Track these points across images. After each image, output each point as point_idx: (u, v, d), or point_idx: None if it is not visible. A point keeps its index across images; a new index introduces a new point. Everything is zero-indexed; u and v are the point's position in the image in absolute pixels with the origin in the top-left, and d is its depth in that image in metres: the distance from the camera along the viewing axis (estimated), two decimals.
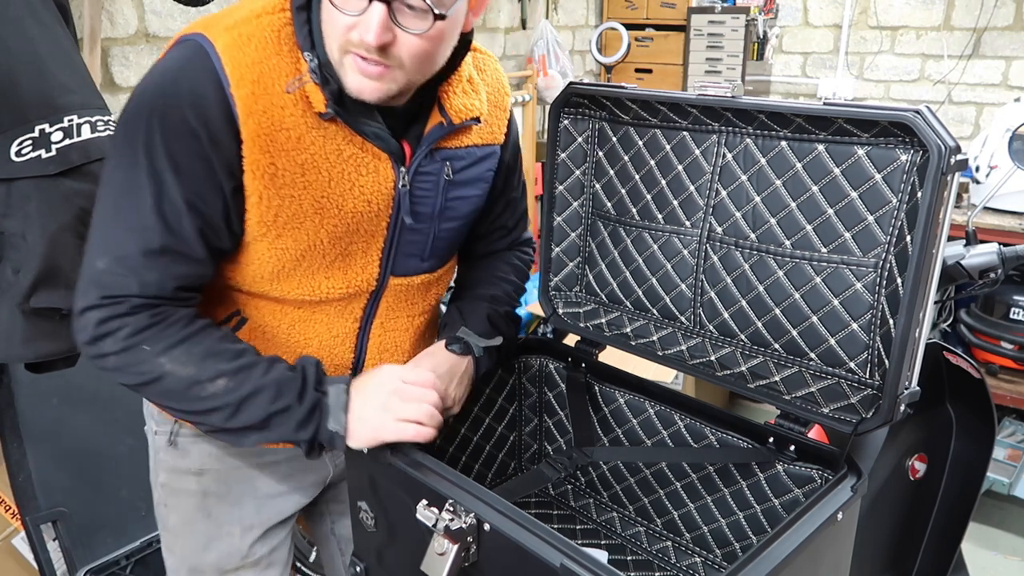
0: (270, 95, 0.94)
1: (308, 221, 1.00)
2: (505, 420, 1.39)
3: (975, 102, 3.84)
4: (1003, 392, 2.68)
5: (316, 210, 1.00)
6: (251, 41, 0.93)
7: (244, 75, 0.92)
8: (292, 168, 0.96)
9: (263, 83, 0.93)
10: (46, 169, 1.19)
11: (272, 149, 0.95)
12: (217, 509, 1.18)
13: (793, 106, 0.97)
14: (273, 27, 0.95)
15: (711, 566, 1.22)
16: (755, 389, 1.09)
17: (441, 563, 0.88)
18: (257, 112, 0.93)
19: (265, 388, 0.97)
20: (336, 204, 1.01)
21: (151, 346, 0.95)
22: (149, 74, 0.95)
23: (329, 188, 0.99)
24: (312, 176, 0.98)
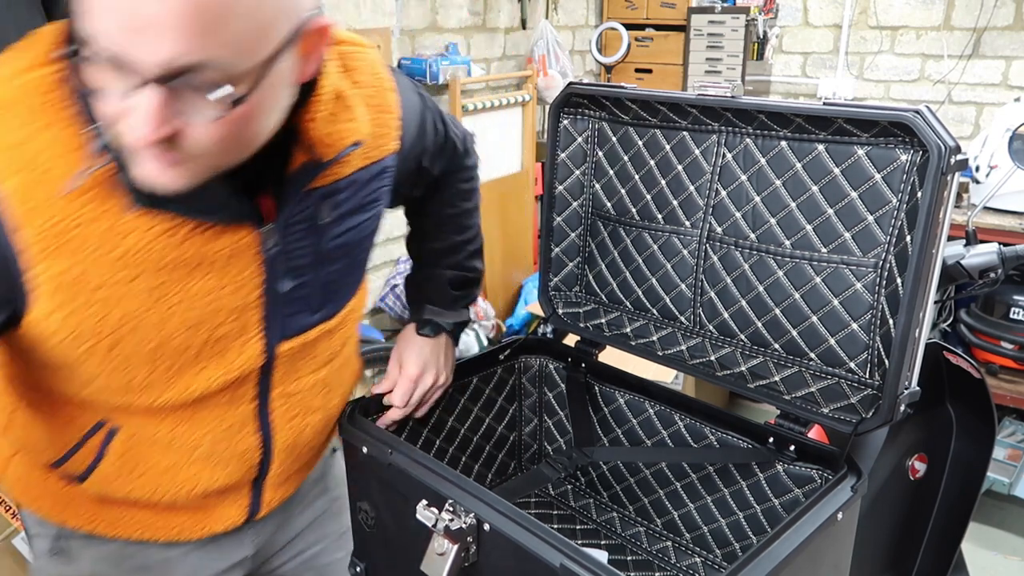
0: (50, 183, 0.71)
1: (145, 320, 0.79)
2: (505, 420, 1.39)
3: (975, 102, 3.84)
4: (1003, 392, 2.68)
5: (149, 307, 0.79)
6: (10, 113, 0.71)
7: (9, 164, 0.70)
8: (105, 266, 0.75)
9: (34, 171, 0.70)
10: None
11: (69, 251, 0.73)
12: None
13: (793, 106, 0.97)
14: (40, 89, 0.71)
15: (711, 566, 1.22)
16: (755, 389, 1.09)
17: (441, 563, 0.88)
18: (36, 210, 0.71)
19: None
20: (179, 291, 0.80)
21: None
22: None
23: (163, 276, 0.78)
24: (135, 269, 0.77)
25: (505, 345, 1.34)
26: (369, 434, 1.05)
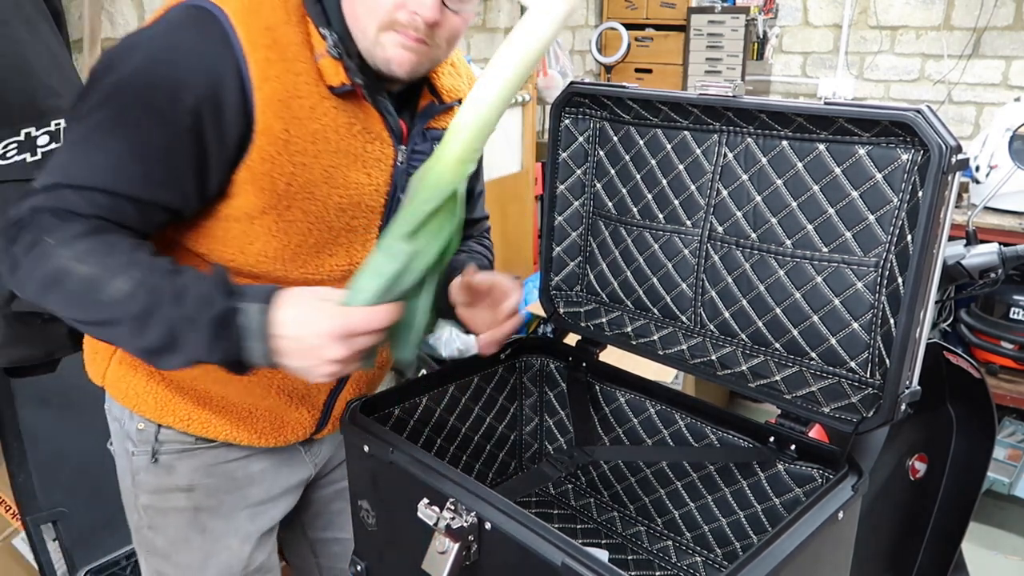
0: (285, 61, 0.93)
1: (318, 191, 0.99)
2: (506, 419, 1.39)
3: (975, 102, 3.84)
4: (1003, 392, 2.69)
5: (325, 179, 0.99)
6: (262, 7, 0.92)
7: (258, 40, 0.91)
8: (304, 136, 0.95)
9: (277, 49, 0.92)
10: (31, 173, 1.19)
11: (286, 116, 0.93)
12: (211, 523, 1.16)
13: (794, 106, 0.97)
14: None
15: (712, 565, 1.22)
16: (756, 388, 1.09)
17: (442, 562, 0.88)
18: (272, 78, 0.92)
19: (165, 292, 0.84)
20: (343, 175, 1.00)
21: (55, 239, 0.84)
22: (149, 32, 0.91)
23: (337, 159, 0.99)
24: (322, 145, 0.97)
25: (506, 344, 1.34)
26: (370, 433, 1.05)
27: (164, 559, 1.18)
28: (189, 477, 1.14)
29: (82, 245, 0.85)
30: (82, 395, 1.76)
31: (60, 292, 0.85)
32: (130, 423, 1.14)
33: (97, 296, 0.84)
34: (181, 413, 1.10)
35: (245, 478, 1.17)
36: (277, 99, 0.92)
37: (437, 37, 0.96)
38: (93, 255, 0.85)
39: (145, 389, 1.10)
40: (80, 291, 0.84)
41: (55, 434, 1.74)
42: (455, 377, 1.26)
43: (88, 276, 0.84)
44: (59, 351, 1.26)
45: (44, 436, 1.72)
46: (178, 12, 0.92)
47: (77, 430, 1.77)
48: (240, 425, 1.12)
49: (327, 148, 0.98)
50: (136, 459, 1.14)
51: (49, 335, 1.24)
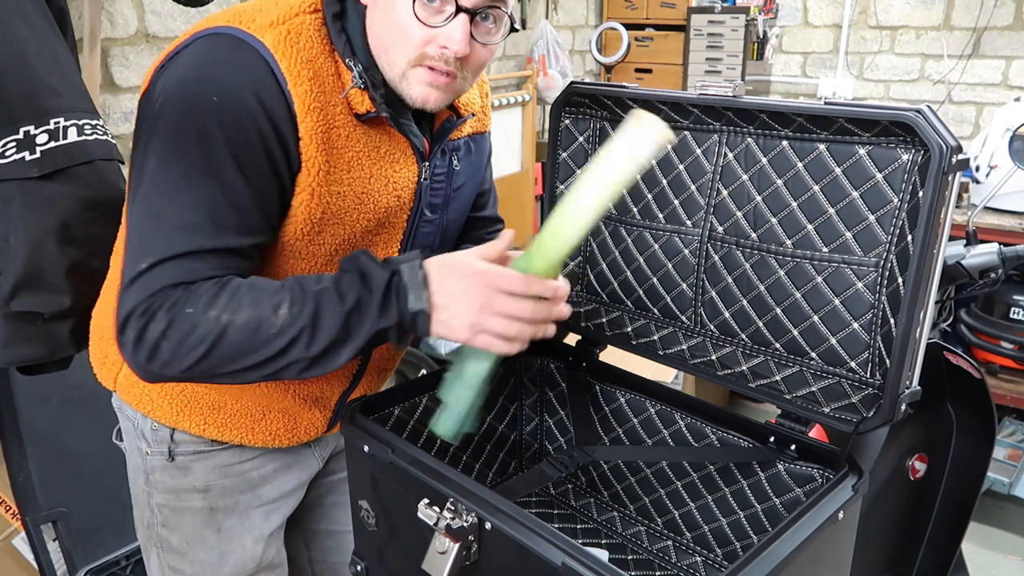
0: (324, 93, 0.94)
1: (348, 217, 1.01)
2: (506, 419, 1.39)
3: (975, 102, 3.84)
4: (1003, 392, 2.69)
5: (356, 205, 1.01)
6: (298, 39, 0.93)
7: (300, 72, 0.92)
8: (341, 166, 0.97)
9: (318, 81, 0.93)
10: (29, 171, 1.18)
11: (327, 147, 0.95)
12: (227, 522, 1.18)
13: (794, 106, 0.97)
14: (311, 26, 0.95)
15: (712, 565, 1.22)
16: (756, 388, 1.09)
17: (442, 562, 0.88)
18: (315, 110, 0.93)
19: (326, 294, 0.89)
20: (373, 200, 1.02)
21: (193, 307, 0.86)
22: (190, 68, 0.91)
23: (369, 184, 1.01)
24: (356, 173, 0.99)
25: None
26: (370, 433, 1.05)
27: (180, 556, 1.19)
28: (205, 478, 1.15)
29: (223, 299, 0.87)
30: (82, 395, 1.77)
31: (223, 348, 0.87)
32: (143, 422, 1.14)
33: (268, 332, 0.87)
34: (196, 418, 1.11)
35: (259, 478, 1.19)
36: (319, 131, 0.94)
37: (465, 69, 0.96)
38: (239, 301, 0.87)
39: (159, 395, 1.10)
40: (245, 337, 0.87)
41: (55, 434, 1.74)
42: None
43: (248, 320, 0.87)
44: (62, 350, 1.26)
45: (44, 436, 1.72)
46: (218, 45, 0.91)
47: (77, 430, 1.77)
48: (255, 428, 1.13)
49: (361, 175, 1.00)
50: (151, 459, 1.15)
51: (51, 334, 1.23)
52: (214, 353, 0.87)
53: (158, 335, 0.86)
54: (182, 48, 0.94)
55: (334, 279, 0.91)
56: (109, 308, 1.10)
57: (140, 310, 0.87)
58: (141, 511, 1.21)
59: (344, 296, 0.89)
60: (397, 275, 0.90)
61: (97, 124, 1.28)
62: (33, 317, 1.21)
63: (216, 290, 0.88)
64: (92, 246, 1.23)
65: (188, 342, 0.86)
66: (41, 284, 1.20)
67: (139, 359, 0.88)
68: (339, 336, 0.89)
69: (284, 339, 0.87)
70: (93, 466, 1.79)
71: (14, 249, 1.19)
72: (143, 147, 0.92)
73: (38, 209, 1.20)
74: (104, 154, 1.28)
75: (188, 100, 0.89)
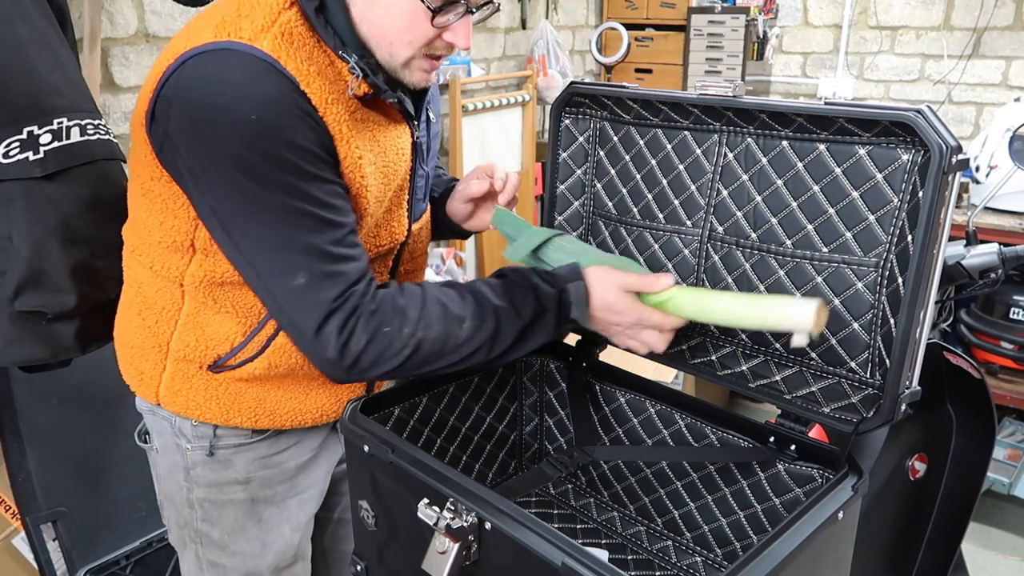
0: (330, 84, 0.97)
1: (378, 191, 1.06)
2: (506, 419, 1.39)
3: (975, 102, 3.84)
4: (1003, 392, 2.68)
5: (383, 180, 1.07)
6: (292, 39, 0.95)
7: (307, 70, 0.95)
8: (364, 147, 1.02)
9: (322, 75, 0.97)
10: (32, 171, 1.18)
11: (350, 136, 0.99)
12: (267, 513, 1.21)
13: (794, 106, 0.97)
14: (298, 23, 0.97)
15: (712, 565, 1.22)
16: (756, 388, 1.09)
17: (442, 562, 0.88)
18: (331, 103, 0.97)
19: (504, 312, 1.02)
20: (393, 169, 1.09)
21: (389, 325, 0.97)
22: (208, 93, 0.92)
23: (386, 156, 1.07)
24: (376, 150, 1.05)
25: None
26: (370, 433, 1.05)
27: (221, 549, 1.21)
28: (246, 470, 1.17)
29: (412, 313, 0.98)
30: (82, 395, 1.77)
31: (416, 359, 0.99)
32: (182, 421, 1.15)
33: (453, 343, 1.00)
34: (247, 413, 1.13)
35: (295, 468, 1.21)
36: (337, 123, 0.98)
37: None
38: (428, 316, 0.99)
39: (205, 398, 1.12)
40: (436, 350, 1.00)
41: (55, 434, 1.74)
42: (455, 377, 1.26)
43: (437, 336, 0.99)
44: (65, 352, 1.26)
45: (44, 436, 1.72)
46: (223, 62, 0.92)
47: (77, 430, 1.77)
48: (302, 408, 1.15)
49: (378, 150, 1.05)
50: (191, 455, 1.16)
51: (54, 334, 1.23)
52: (408, 363, 0.99)
53: (359, 351, 0.96)
54: (172, 73, 0.93)
55: (509, 296, 1.03)
56: (133, 326, 1.14)
57: (338, 324, 0.95)
58: (178, 509, 1.22)
59: (521, 312, 1.02)
60: (565, 293, 1.04)
61: (99, 124, 1.29)
62: (37, 317, 1.21)
63: (404, 305, 0.99)
64: (95, 246, 1.23)
65: (386, 355, 0.98)
66: (44, 284, 1.20)
67: (338, 367, 0.97)
68: (513, 345, 1.03)
69: (468, 349, 1.01)
70: (93, 466, 1.79)
71: (17, 249, 1.19)
72: (203, 184, 0.94)
73: (41, 209, 1.20)
74: (106, 154, 1.28)
75: (231, 126, 0.90)
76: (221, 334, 1.08)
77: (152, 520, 1.86)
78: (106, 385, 1.76)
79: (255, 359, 1.09)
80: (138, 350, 1.15)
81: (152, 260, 1.08)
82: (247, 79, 0.91)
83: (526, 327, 1.03)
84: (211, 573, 1.23)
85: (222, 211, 0.95)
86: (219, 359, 1.09)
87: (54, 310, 1.20)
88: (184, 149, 0.94)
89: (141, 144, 1.00)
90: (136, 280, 1.13)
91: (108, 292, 1.24)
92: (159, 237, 1.05)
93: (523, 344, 1.04)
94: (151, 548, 1.86)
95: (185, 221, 1.02)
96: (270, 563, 1.22)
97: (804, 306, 0.93)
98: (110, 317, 1.23)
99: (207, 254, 1.04)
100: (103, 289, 1.24)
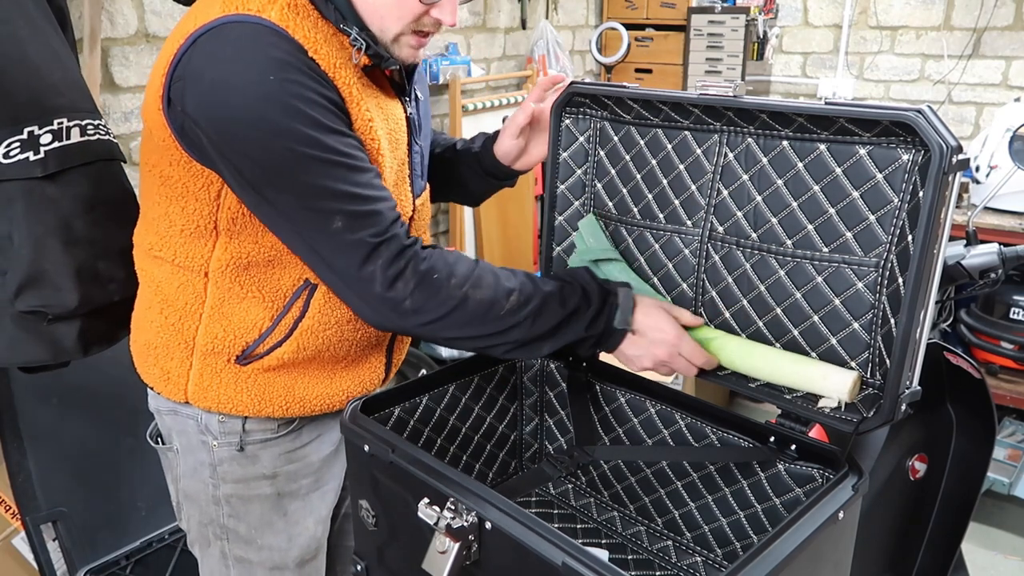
0: (334, 53, 1.00)
1: (386, 159, 1.08)
2: (506, 419, 1.39)
3: (975, 102, 3.84)
4: (1003, 392, 2.68)
5: (390, 148, 1.09)
6: (298, 10, 0.99)
7: (315, 38, 0.99)
8: (366, 114, 1.04)
9: (327, 44, 1.00)
10: (33, 171, 1.18)
11: (359, 99, 1.02)
12: (292, 507, 1.22)
13: (795, 105, 0.97)
14: (308, 6, 1.01)
15: (712, 565, 1.22)
16: (756, 388, 1.09)
17: (443, 561, 0.88)
18: (339, 68, 1.00)
19: (551, 297, 1.05)
20: (395, 139, 1.11)
21: (438, 273, 1.01)
22: (225, 61, 0.94)
23: (388, 124, 1.10)
24: (380, 118, 1.07)
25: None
26: (371, 433, 1.05)
27: (247, 544, 1.22)
28: (272, 464, 1.19)
29: (462, 271, 1.02)
30: (82, 395, 1.77)
31: (459, 315, 1.02)
32: (208, 417, 1.16)
33: (497, 313, 1.03)
34: (278, 401, 1.14)
35: (319, 462, 1.23)
36: (348, 86, 1.01)
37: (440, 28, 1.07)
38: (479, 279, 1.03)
39: (236, 390, 1.13)
40: (481, 312, 1.02)
41: (55, 434, 1.74)
42: (455, 377, 1.27)
43: (484, 298, 1.02)
44: (66, 354, 1.26)
45: (44, 436, 1.72)
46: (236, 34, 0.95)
47: (77, 430, 1.77)
48: (328, 392, 1.17)
49: (381, 117, 1.08)
50: (219, 451, 1.17)
51: (56, 335, 1.23)
52: (452, 316, 1.01)
53: (407, 292, 0.99)
54: (184, 53, 0.96)
55: (558, 285, 1.07)
56: (155, 326, 1.15)
57: (386, 260, 0.98)
58: (202, 507, 1.22)
59: (566, 301, 1.06)
60: (613, 296, 1.09)
61: (99, 124, 1.29)
62: (38, 317, 1.21)
63: (454, 261, 1.02)
64: (96, 246, 1.23)
65: (433, 302, 1.00)
66: (45, 283, 1.20)
67: (382, 304, 1.00)
68: (550, 331, 1.05)
69: (510, 321, 1.03)
70: (93, 466, 1.79)
71: (18, 248, 1.19)
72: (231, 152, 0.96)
73: (41, 209, 1.20)
74: (106, 154, 1.28)
75: (249, 89, 0.93)
76: (248, 321, 1.09)
77: (152, 520, 1.86)
78: (106, 385, 1.76)
79: (283, 344, 1.10)
80: (162, 349, 1.15)
81: (175, 252, 1.09)
82: (260, 45, 0.94)
83: (568, 316, 1.06)
84: (237, 569, 1.24)
85: (251, 173, 0.97)
86: (247, 347, 1.10)
87: (55, 310, 1.20)
88: (206, 123, 0.96)
89: (159, 129, 1.02)
90: (154, 280, 1.13)
91: (111, 294, 1.25)
92: (181, 224, 1.06)
93: (562, 333, 1.06)
94: (151, 548, 1.86)
95: (206, 203, 1.04)
96: (296, 556, 1.23)
97: (844, 374, 0.98)
98: (113, 320, 1.23)
99: (231, 235, 1.05)
100: (105, 290, 1.24)
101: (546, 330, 1.05)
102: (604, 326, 1.08)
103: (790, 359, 1.04)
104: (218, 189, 1.03)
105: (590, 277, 1.11)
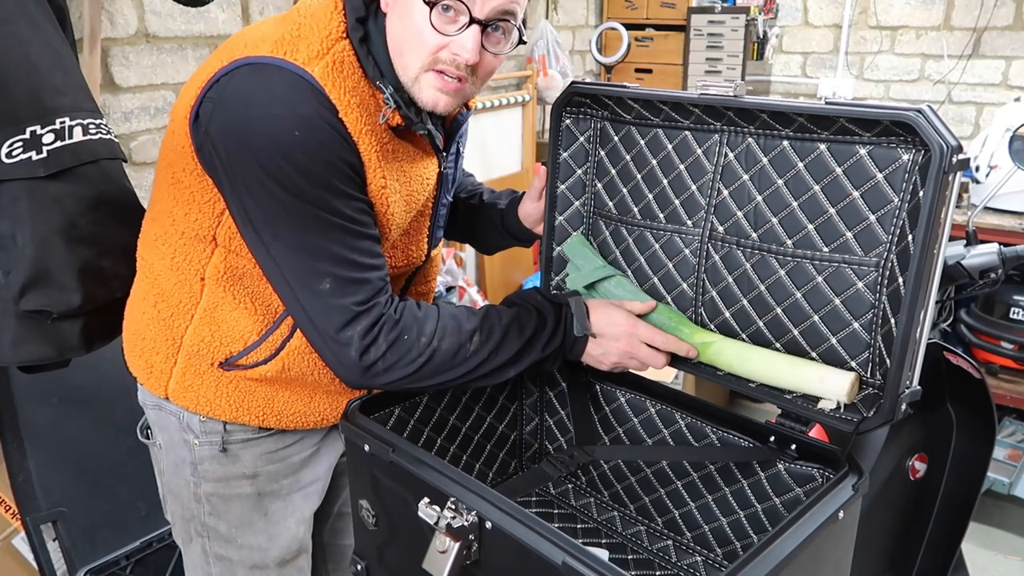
0: (369, 115, 1.01)
1: (399, 217, 1.11)
2: (506, 419, 1.39)
3: (975, 102, 3.84)
4: (1003, 392, 2.68)
5: (405, 208, 1.11)
6: (342, 68, 1.00)
7: (349, 100, 0.99)
8: (391, 175, 1.06)
9: (363, 105, 1.01)
10: (36, 171, 1.18)
11: (378, 165, 1.04)
12: (273, 507, 1.23)
13: (795, 105, 0.97)
14: (348, 53, 1.01)
15: (712, 565, 1.22)
16: (756, 388, 1.09)
17: (443, 561, 0.88)
18: (365, 133, 1.01)
19: (509, 327, 1.09)
20: (415, 198, 1.13)
21: (408, 335, 1.03)
22: (255, 104, 0.96)
23: (411, 186, 1.11)
24: (402, 179, 1.09)
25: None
26: (371, 432, 1.05)
27: (228, 543, 1.23)
28: (253, 464, 1.20)
29: (429, 327, 1.05)
30: (82, 395, 1.77)
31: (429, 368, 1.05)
32: (190, 416, 1.17)
33: (463, 357, 1.06)
34: (255, 411, 1.15)
35: (300, 462, 1.23)
36: (372, 150, 1.02)
37: (474, 76, 1.03)
38: (443, 330, 1.05)
39: (215, 394, 1.14)
40: (447, 360, 1.06)
41: (55, 434, 1.74)
42: None
43: (449, 347, 1.05)
44: (70, 351, 1.26)
45: (44, 435, 1.72)
46: (275, 79, 0.96)
47: (77, 430, 1.77)
48: (306, 411, 1.17)
49: (404, 179, 1.09)
50: (199, 449, 1.18)
51: (60, 334, 1.23)
52: (421, 371, 1.05)
53: (378, 356, 1.02)
54: (223, 76, 0.98)
55: (514, 312, 1.11)
56: (147, 318, 1.16)
57: (363, 328, 1.01)
58: (184, 504, 1.23)
59: (523, 327, 1.09)
60: (566, 307, 1.13)
61: (101, 123, 1.29)
62: (42, 316, 1.21)
63: (423, 317, 1.05)
64: (100, 245, 1.23)
65: (402, 362, 1.03)
66: (49, 283, 1.20)
67: (357, 368, 1.02)
68: (513, 358, 1.09)
69: (474, 362, 1.07)
70: (93, 466, 1.79)
71: (21, 248, 1.19)
72: (240, 187, 0.98)
73: (45, 208, 1.20)
74: (108, 153, 1.28)
75: (272, 138, 0.95)
76: (236, 331, 1.10)
77: (152, 520, 1.86)
78: (106, 385, 1.76)
79: (269, 362, 1.11)
80: (150, 342, 1.16)
81: (174, 251, 1.10)
82: (293, 97, 0.96)
83: (529, 339, 1.09)
84: (218, 567, 1.24)
85: (255, 214, 0.99)
86: (231, 357, 1.11)
87: (59, 309, 1.20)
88: (223, 152, 0.98)
89: (182, 135, 1.03)
90: (153, 272, 1.14)
91: (114, 291, 1.25)
92: (183, 227, 1.08)
93: (525, 356, 1.10)
94: (151, 548, 1.86)
95: (209, 216, 1.06)
96: (276, 556, 1.24)
97: (841, 376, 0.99)
98: (115, 315, 1.23)
99: (228, 249, 1.07)
100: (109, 288, 1.24)
101: (509, 358, 1.08)
102: (563, 338, 1.12)
103: (788, 362, 1.04)
104: (222, 207, 1.04)
105: (541, 297, 1.14)
